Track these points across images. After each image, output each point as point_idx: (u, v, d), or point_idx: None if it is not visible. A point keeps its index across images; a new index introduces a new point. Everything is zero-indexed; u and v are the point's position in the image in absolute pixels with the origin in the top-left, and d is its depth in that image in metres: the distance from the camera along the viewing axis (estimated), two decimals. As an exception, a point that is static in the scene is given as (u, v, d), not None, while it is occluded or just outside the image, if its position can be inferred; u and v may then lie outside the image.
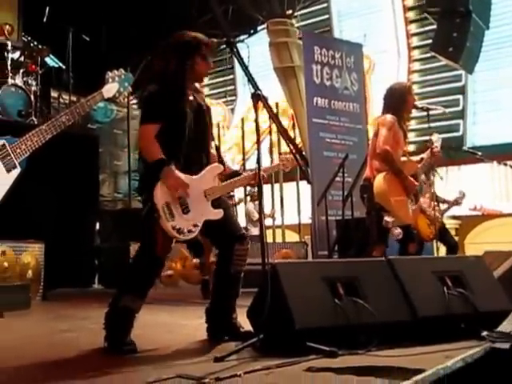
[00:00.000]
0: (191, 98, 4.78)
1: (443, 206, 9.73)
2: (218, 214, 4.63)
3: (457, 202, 10.01)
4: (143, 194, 4.70)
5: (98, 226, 11.52)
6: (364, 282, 4.50)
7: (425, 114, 7.33)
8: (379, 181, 6.70)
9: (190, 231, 4.51)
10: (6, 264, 8.04)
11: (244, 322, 4.70)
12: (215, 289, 4.91)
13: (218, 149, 5.06)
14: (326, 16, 18.96)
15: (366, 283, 4.51)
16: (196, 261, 9.90)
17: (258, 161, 4.55)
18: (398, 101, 7.00)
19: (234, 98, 21.75)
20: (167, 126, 4.52)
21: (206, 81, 20.80)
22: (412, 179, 6.82)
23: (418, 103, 7.64)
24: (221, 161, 4.89)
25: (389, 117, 6.86)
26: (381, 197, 6.70)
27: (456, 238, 11.30)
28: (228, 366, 3.71)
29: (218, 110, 20.69)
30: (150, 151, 4.48)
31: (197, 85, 5.06)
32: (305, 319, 4.05)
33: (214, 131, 5.61)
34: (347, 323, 4.18)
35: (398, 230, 6.77)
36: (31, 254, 8.47)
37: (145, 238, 4.69)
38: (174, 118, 4.55)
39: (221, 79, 21.14)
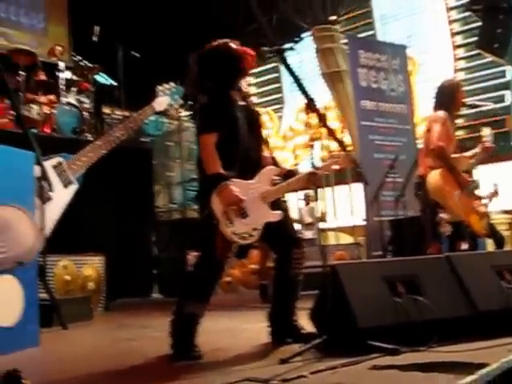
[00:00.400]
0: (241, 102, 4.87)
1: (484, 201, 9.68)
2: (277, 215, 4.67)
3: (494, 195, 9.94)
4: (201, 200, 4.77)
5: (154, 236, 11.65)
6: (423, 280, 4.54)
7: (472, 111, 7.32)
8: (434, 177, 6.68)
9: (250, 235, 4.57)
10: (68, 277, 8.20)
11: (306, 323, 4.75)
12: (275, 293, 4.96)
13: (270, 151, 5.11)
14: (369, 20, 18.94)
15: (425, 280, 4.55)
16: (253, 266, 9.96)
17: (313, 164, 4.62)
18: (448, 98, 6.98)
19: (281, 105, 21.77)
20: (222, 133, 4.60)
21: (254, 89, 20.88)
22: (465, 175, 6.81)
23: (467, 100, 7.62)
24: (275, 163, 4.95)
25: (441, 113, 6.84)
26: (436, 193, 6.69)
27: (508, 233, 11.24)
28: (293, 367, 3.76)
29: (265, 118, 20.75)
30: (209, 162, 4.55)
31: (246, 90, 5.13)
32: (366, 318, 4.11)
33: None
34: (408, 320, 4.21)
35: (448, 227, 6.75)
36: (92, 266, 8.63)
37: (204, 243, 4.75)
38: (228, 125, 4.63)
39: (268, 88, 21.21)
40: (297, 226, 12.66)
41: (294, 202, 13.81)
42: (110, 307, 8.82)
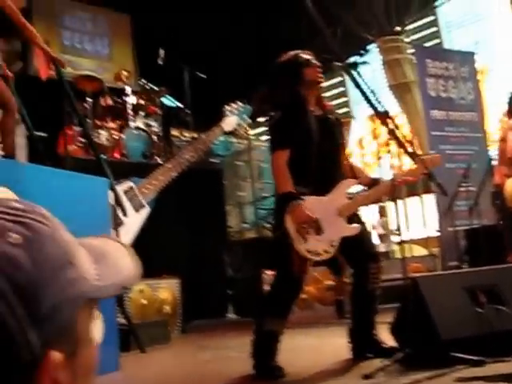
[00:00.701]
0: (317, 112, 4.83)
1: None
2: (354, 229, 4.63)
3: None
4: (276, 218, 4.75)
5: (228, 256, 11.66)
6: (504, 289, 4.45)
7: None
8: (511, 185, 6.58)
9: (325, 251, 4.54)
10: (144, 301, 8.24)
11: (387, 337, 4.69)
12: (354, 308, 4.91)
13: (350, 162, 5.06)
14: (435, 28, 18.79)
15: (507, 289, 4.45)
16: (328, 283, 9.90)
17: (394, 174, 4.58)
18: None
19: (349, 119, 21.70)
20: (295, 148, 4.57)
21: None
22: None
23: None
24: (354, 175, 4.90)
25: None
26: (514, 201, 6.58)
27: None
28: (377, 382, 3.72)
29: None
30: (280, 181, 4.55)
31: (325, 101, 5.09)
32: (449, 330, 4.04)
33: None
34: (491, 331, 4.14)
35: None
36: (167, 289, 8.66)
37: (281, 262, 4.74)
38: (301, 140, 4.61)
39: (334, 102, 21.17)
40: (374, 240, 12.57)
41: (368, 215, 13.71)
42: (186, 329, 8.84)
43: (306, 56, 4.84)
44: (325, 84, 5.18)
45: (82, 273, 0.85)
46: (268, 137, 4.85)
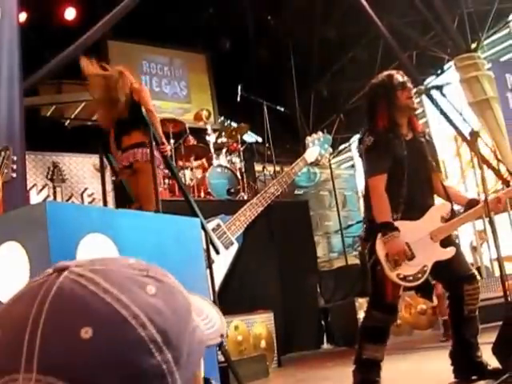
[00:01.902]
0: (409, 136, 4.82)
1: None
2: (448, 253, 4.59)
3: None
4: (368, 244, 4.75)
5: (319, 286, 11.63)
6: None
7: None
8: None
9: (416, 278, 4.52)
10: (240, 338, 8.29)
11: (489, 358, 4.62)
12: (454, 330, 4.86)
13: (443, 184, 5.01)
14: (511, 41, 18.51)
15: None
16: (422, 307, 9.81)
17: (486, 199, 4.55)
18: None
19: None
20: (388, 173, 4.58)
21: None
22: None
23: None
24: (448, 197, 4.86)
25: None
26: None
27: None
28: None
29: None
30: (379, 208, 4.54)
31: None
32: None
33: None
34: None
35: None
36: (262, 324, 8.69)
37: (374, 288, 4.74)
38: (393, 165, 4.61)
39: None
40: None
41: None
42: (282, 363, 8.84)
43: (400, 78, 4.83)
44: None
45: (197, 322, 0.92)
46: (360, 161, 4.81)
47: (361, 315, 8.67)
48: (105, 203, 7.68)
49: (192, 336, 0.88)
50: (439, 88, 4.90)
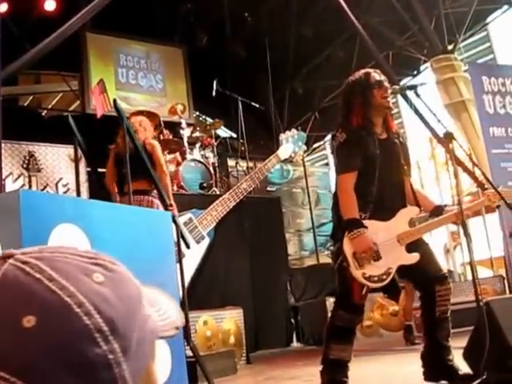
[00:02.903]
0: (383, 136, 4.79)
1: None
2: (412, 258, 4.55)
3: None
4: (335, 243, 4.72)
5: (289, 285, 11.61)
6: None
7: None
8: None
9: (380, 279, 4.49)
10: (209, 333, 8.25)
11: (460, 362, 4.60)
12: (425, 332, 4.84)
13: (413, 187, 4.99)
14: (488, 44, 18.60)
15: None
16: (394, 308, 9.81)
17: (459, 201, 4.53)
18: None
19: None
20: (359, 172, 4.55)
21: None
22: None
23: None
24: (417, 201, 4.85)
25: None
26: None
27: None
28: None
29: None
30: (347, 205, 4.50)
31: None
32: (526, 354, 3.95)
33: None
34: None
35: None
36: (231, 320, 8.66)
37: (341, 287, 4.72)
38: (365, 163, 4.58)
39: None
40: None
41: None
42: (251, 360, 8.81)
43: (377, 77, 4.79)
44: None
45: (149, 312, 0.90)
46: (332, 157, 4.76)
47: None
48: (78, 194, 7.62)
49: (142, 325, 0.86)
50: (414, 88, 4.88)
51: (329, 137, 19.57)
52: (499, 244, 11.45)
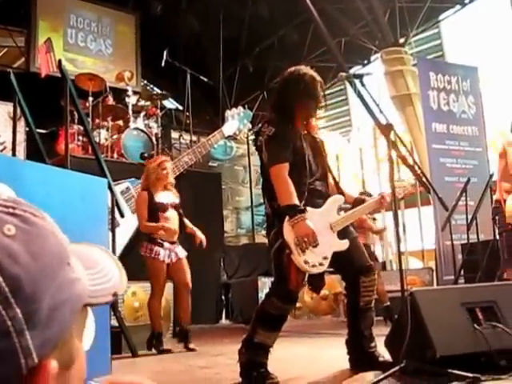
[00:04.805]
0: (304, 132, 4.81)
1: None
2: (343, 244, 4.59)
3: None
4: (272, 230, 4.70)
5: (223, 262, 11.61)
6: (502, 306, 4.41)
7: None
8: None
9: (320, 264, 4.50)
10: (136, 304, 8.19)
11: (383, 350, 4.64)
12: (349, 320, 4.89)
13: (336, 180, 5.06)
14: (438, 41, 18.80)
15: (505, 307, 4.41)
16: (324, 292, 9.88)
17: (393, 190, 4.56)
18: None
19: (349, 128, 21.66)
20: (291, 163, 4.55)
21: (321, 113, 20.89)
22: None
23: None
24: (340, 192, 4.89)
25: None
26: (513, 218, 6.55)
27: None
28: (371, 395, 3.68)
29: (334, 141, 20.71)
30: (285, 192, 4.48)
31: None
32: (446, 346, 3.99)
33: (333, 162, 5.56)
34: (488, 349, 4.09)
35: None
36: (161, 292, 8.60)
37: (278, 274, 4.70)
38: (294, 155, 4.58)
39: (335, 111, 21.13)
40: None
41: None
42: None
43: (310, 73, 4.80)
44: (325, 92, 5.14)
45: (78, 275, 0.81)
46: (262, 151, 4.73)
47: (262, 294, 8.66)
48: (14, 153, 7.47)
49: (62, 288, 0.76)
50: (360, 77, 4.88)
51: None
52: (432, 237, 11.62)
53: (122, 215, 7.04)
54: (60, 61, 6.48)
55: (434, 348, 3.94)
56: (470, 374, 3.78)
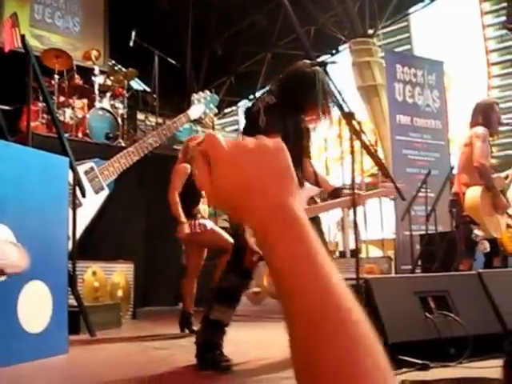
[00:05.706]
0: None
1: None
2: None
3: None
4: None
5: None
6: (454, 296, 4.51)
7: (504, 128, 7.24)
8: (472, 194, 6.64)
9: None
10: (96, 284, 8.18)
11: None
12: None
13: (314, 169, 5.10)
14: (407, 34, 18.94)
15: (457, 297, 4.51)
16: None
17: (353, 185, 4.61)
18: (484, 117, 6.94)
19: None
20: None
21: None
22: (503, 198, 6.77)
23: (503, 119, 7.55)
24: (317, 181, 4.94)
25: (481, 129, 6.80)
26: (472, 210, 6.64)
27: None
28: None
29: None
30: None
31: None
32: (397, 333, 4.07)
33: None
34: (438, 336, 4.18)
35: (487, 244, 6.69)
36: (121, 273, 8.61)
37: (234, 251, 4.78)
38: (282, 133, 4.62)
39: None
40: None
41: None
42: (138, 315, 8.80)
43: (322, 75, 4.88)
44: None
45: None
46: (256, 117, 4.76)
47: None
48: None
49: None
50: (324, 65, 4.93)
51: (242, 103, 19.60)
52: (392, 227, 11.75)
53: (83, 195, 7.03)
54: (23, 36, 6.43)
55: (385, 335, 4.01)
56: (420, 361, 3.87)
